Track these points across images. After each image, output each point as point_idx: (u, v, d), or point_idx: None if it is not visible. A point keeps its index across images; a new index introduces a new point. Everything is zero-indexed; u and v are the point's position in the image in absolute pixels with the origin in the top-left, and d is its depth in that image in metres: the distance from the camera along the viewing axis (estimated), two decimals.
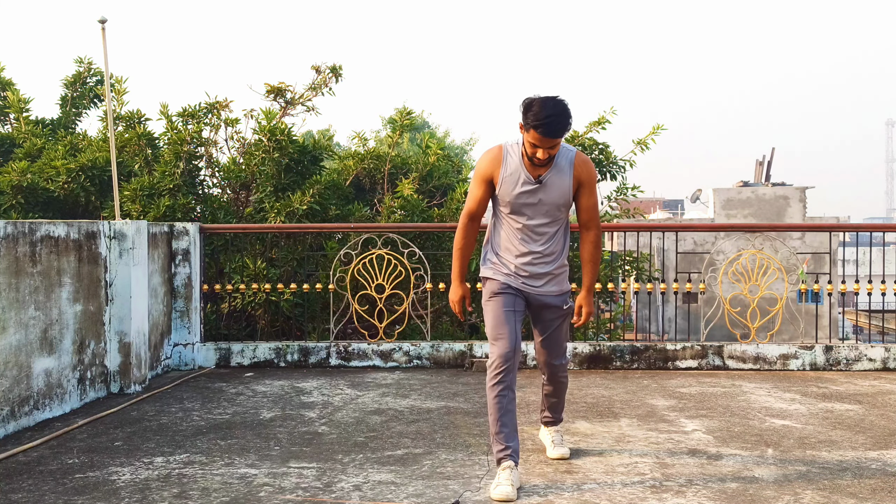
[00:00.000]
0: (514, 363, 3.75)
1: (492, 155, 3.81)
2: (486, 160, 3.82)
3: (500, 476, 3.66)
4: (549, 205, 3.76)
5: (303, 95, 9.59)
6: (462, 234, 3.95)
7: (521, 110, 3.57)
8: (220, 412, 5.34)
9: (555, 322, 3.99)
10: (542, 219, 3.79)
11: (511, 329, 3.77)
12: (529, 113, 3.53)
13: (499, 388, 3.73)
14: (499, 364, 3.73)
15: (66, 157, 9.04)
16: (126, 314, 5.98)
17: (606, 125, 9.64)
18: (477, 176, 3.85)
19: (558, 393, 4.20)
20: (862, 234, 9.07)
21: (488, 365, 3.79)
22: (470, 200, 3.90)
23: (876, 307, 25.47)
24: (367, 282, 7.24)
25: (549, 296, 3.90)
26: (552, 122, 3.49)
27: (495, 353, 3.75)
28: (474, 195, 3.87)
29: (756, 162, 26.66)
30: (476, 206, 3.89)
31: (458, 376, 6.61)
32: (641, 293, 7.91)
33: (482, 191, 3.85)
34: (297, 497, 3.64)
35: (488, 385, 3.77)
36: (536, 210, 3.77)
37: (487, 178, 3.82)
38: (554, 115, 3.50)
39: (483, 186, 3.84)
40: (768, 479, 3.88)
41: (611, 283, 8.38)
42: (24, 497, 3.63)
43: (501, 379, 3.73)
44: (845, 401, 5.69)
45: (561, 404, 4.26)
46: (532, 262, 3.83)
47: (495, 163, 3.78)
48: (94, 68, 10.82)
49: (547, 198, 3.75)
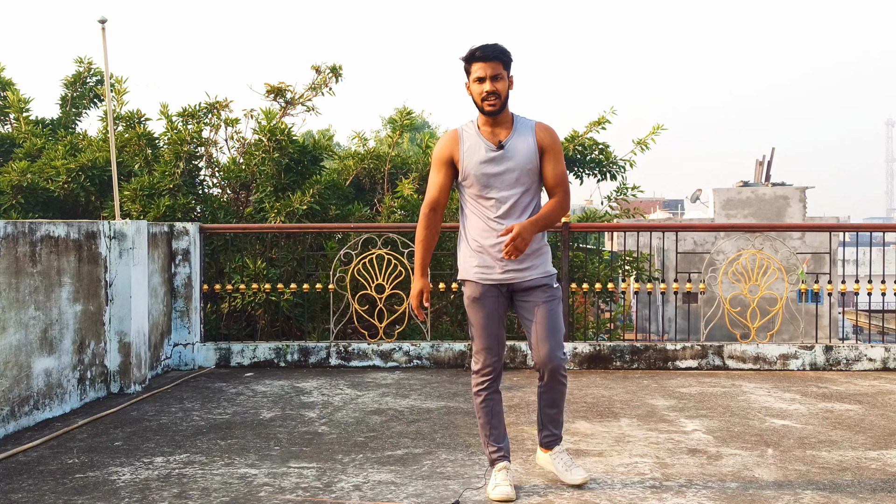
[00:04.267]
0: (499, 370, 3.73)
1: (447, 137, 3.73)
2: (442, 142, 3.73)
3: (497, 476, 3.66)
4: (517, 170, 3.63)
5: (303, 95, 9.58)
6: (424, 225, 3.77)
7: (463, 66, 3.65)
8: (220, 412, 5.34)
9: (548, 304, 3.69)
10: (513, 189, 3.63)
11: (494, 336, 3.70)
12: (465, 55, 3.63)
13: (484, 394, 3.72)
14: (487, 372, 3.71)
15: (66, 157, 9.04)
16: (126, 314, 5.98)
17: (606, 125, 9.65)
18: (435, 161, 3.74)
19: (558, 401, 3.79)
20: (862, 234, 9.07)
21: (474, 370, 3.75)
22: (430, 189, 3.75)
23: (876, 307, 25.47)
24: (367, 282, 7.24)
25: (535, 277, 3.70)
26: (486, 47, 3.59)
27: (480, 361, 3.71)
28: (434, 182, 3.74)
29: (756, 162, 26.65)
30: (437, 193, 3.74)
31: (458, 376, 6.61)
32: (641, 293, 7.92)
33: (442, 175, 3.72)
34: (297, 497, 3.64)
35: (475, 391, 3.74)
36: (504, 180, 3.63)
37: (446, 159, 3.70)
38: (486, 44, 3.61)
39: (443, 170, 3.72)
40: (768, 479, 3.88)
41: (611, 283, 8.38)
42: (24, 497, 3.63)
43: (487, 385, 3.71)
44: (845, 401, 5.69)
45: (561, 415, 3.84)
46: None
47: (452, 143, 3.70)
48: (94, 68, 10.82)
49: (513, 164, 3.63)
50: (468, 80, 3.64)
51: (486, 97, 3.58)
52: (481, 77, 3.57)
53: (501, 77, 3.59)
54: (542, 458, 3.91)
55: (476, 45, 3.61)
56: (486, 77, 3.57)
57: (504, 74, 3.60)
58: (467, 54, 3.61)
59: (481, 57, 3.57)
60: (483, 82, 3.57)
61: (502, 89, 3.59)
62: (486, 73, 3.57)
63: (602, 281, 8.04)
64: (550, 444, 3.86)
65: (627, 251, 9.92)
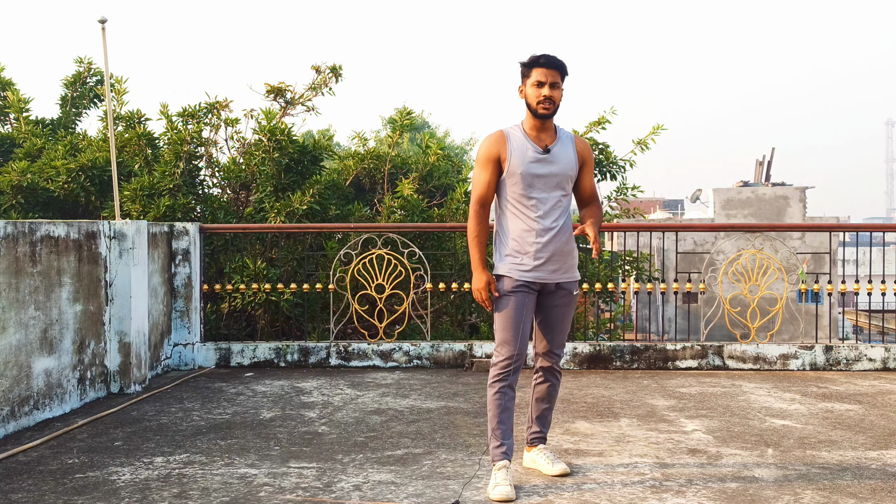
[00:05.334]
0: (520, 365, 3.77)
1: (495, 136, 3.83)
2: (490, 141, 3.83)
3: (497, 476, 3.66)
4: (560, 175, 3.81)
5: (303, 95, 9.58)
6: (476, 221, 3.86)
7: (521, 69, 3.83)
8: (220, 412, 5.34)
9: (564, 308, 3.91)
10: (553, 191, 3.80)
11: (522, 331, 3.76)
12: (528, 60, 3.80)
13: (501, 385, 3.75)
14: (506, 364, 3.74)
15: (66, 157, 9.04)
16: (126, 314, 5.98)
17: (606, 125, 9.64)
18: (481, 159, 3.83)
19: (551, 396, 4.03)
20: (862, 234, 9.07)
21: (493, 362, 3.79)
22: (478, 186, 3.84)
23: (876, 307, 25.48)
24: (367, 282, 7.24)
25: (565, 281, 3.87)
26: (550, 56, 3.78)
27: (504, 353, 3.75)
28: (482, 179, 3.83)
29: (756, 162, 26.66)
30: (486, 190, 3.84)
31: (458, 376, 6.61)
32: (641, 293, 7.92)
33: (489, 171, 3.82)
34: (297, 497, 3.64)
35: (490, 382, 3.78)
36: (547, 182, 3.78)
37: (493, 157, 3.80)
38: (549, 54, 3.80)
39: (490, 167, 3.81)
40: (768, 479, 3.88)
41: (611, 283, 8.38)
42: (24, 497, 3.63)
43: (505, 377, 3.75)
44: (845, 401, 5.69)
45: (550, 413, 4.08)
46: (553, 238, 3.79)
47: (500, 142, 3.81)
48: (94, 68, 10.82)
49: (557, 168, 3.80)
50: (524, 83, 3.81)
51: (543, 101, 3.75)
52: (541, 82, 3.74)
53: (558, 86, 3.76)
54: (528, 458, 4.11)
55: (539, 53, 3.80)
56: (545, 83, 3.74)
57: (560, 84, 3.78)
58: (530, 59, 3.78)
59: (545, 63, 3.75)
60: (542, 87, 3.74)
61: (557, 97, 3.76)
62: (547, 79, 3.74)
63: (602, 281, 8.04)
64: (535, 441, 4.08)
65: (627, 251, 9.92)
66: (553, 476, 3.93)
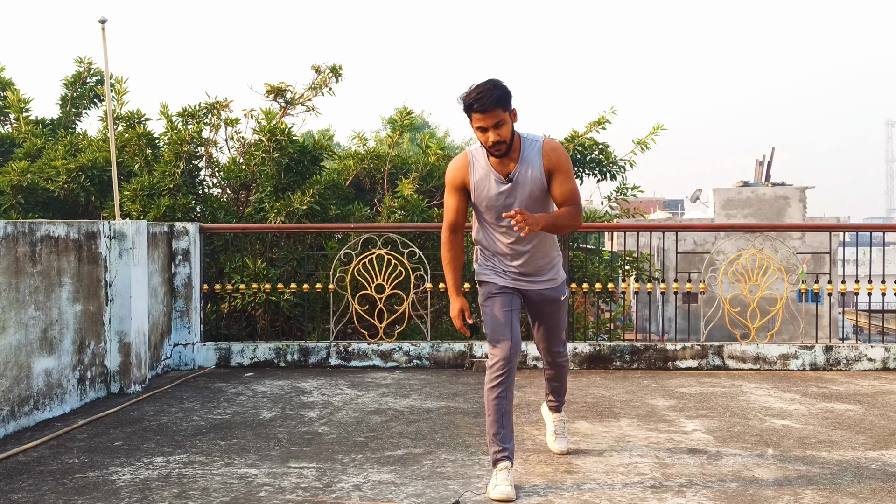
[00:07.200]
0: (514, 365, 3.75)
1: (458, 163, 3.77)
2: (454, 168, 3.77)
3: (498, 476, 3.66)
4: (526, 200, 3.69)
5: (303, 95, 9.58)
6: (447, 248, 3.87)
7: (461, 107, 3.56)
8: (220, 412, 5.34)
9: (554, 314, 4.04)
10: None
11: (511, 331, 3.75)
12: (463, 105, 3.54)
13: (498, 389, 3.72)
14: (500, 366, 3.72)
15: (66, 157, 9.04)
16: (126, 314, 5.98)
17: (606, 125, 9.65)
18: (448, 186, 3.81)
19: (560, 377, 4.24)
20: (862, 234, 9.07)
21: (488, 366, 3.77)
22: (447, 212, 3.84)
23: (876, 307, 25.47)
24: (367, 282, 7.24)
25: (547, 290, 3.93)
26: (483, 96, 3.47)
27: (497, 355, 3.73)
28: (450, 206, 3.82)
29: (756, 162, 26.66)
30: (455, 216, 3.82)
31: (458, 376, 6.61)
32: (641, 293, 7.92)
33: (456, 199, 3.79)
34: (297, 497, 3.64)
35: (487, 386, 3.75)
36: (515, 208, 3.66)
37: (459, 185, 3.77)
38: (483, 90, 3.49)
39: (457, 195, 3.79)
40: (768, 479, 3.88)
41: (611, 283, 8.38)
42: (24, 497, 3.63)
43: (501, 381, 3.72)
44: (845, 401, 5.69)
45: (563, 388, 4.31)
46: (524, 263, 3.82)
47: (463, 169, 3.74)
48: (94, 68, 10.82)
49: (523, 192, 3.68)
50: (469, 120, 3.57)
51: (492, 146, 3.58)
52: (483, 127, 3.54)
53: (503, 122, 3.53)
54: (545, 412, 4.43)
55: (471, 93, 3.51)
56: (487, 127, 3.53)
57: (505, 118, 3.54)
58: (464, 105, 3.53)
59: (479, 109, 3.49)
60: (486, 132, 3.55)
61: (506, 134, 3.56)
62: (488, 123, 3.52)
63: (602, 281, 8.04)
64: (554, 408, 4.36)
65: (627, 251, 9.93)
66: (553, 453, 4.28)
